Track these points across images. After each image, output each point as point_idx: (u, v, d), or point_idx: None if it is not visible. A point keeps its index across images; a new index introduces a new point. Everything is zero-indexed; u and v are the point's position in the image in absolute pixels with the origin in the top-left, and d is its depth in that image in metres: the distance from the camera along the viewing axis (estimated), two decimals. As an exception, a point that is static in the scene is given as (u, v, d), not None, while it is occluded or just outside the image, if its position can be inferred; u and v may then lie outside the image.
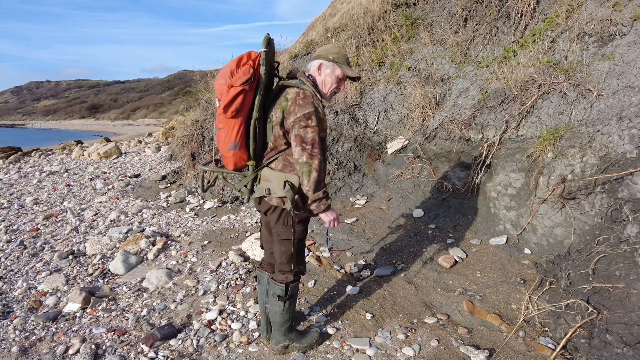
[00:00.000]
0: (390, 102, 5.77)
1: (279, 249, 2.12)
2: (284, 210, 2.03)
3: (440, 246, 3.41)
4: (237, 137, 1.89)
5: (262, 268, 2.40)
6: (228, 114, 1.84)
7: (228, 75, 1.85)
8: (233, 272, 3.45)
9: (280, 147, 1.97)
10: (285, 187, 1.94)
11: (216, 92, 1.92)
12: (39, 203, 6.63)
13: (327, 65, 2.09)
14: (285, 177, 1.96)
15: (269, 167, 2.00)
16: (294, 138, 1.88)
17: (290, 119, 1.88)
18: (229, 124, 1.88)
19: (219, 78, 1.88)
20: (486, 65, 5.13)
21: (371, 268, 3.22)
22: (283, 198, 2.00)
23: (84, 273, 3.79)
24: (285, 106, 1.90)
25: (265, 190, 2.00)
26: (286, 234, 2.06)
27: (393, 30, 6.53)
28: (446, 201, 4.03)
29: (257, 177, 2.04)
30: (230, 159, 1.95)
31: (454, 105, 4.97)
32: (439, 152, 4.64)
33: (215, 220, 4.95)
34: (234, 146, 1.89)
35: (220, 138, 1.92)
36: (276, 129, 1.92)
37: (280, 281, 2.16)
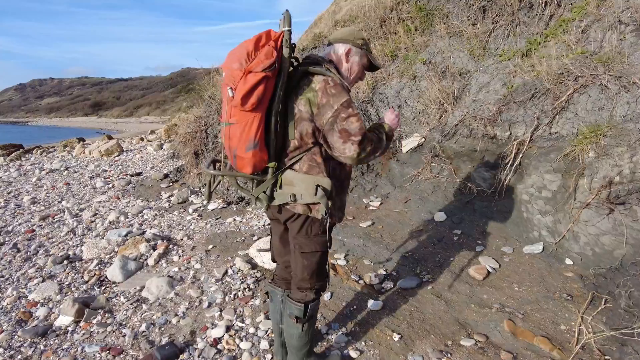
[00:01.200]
0: (405, 97, 5.45)
1: (300, 263, 1.81)
2: (308, 218, 1.73)
3: (469, 254, 3.11)
4: (257, 134, 1.56)
5: (274, 283, 2.09)
6: (247, 106, 1.50)
7: (244, 58, 1.50)
8: (240, 282, 3.16)
9: (306, 146, 1.66)
10: (318, 193, 1.65)
11: (226, 79, 1.56)
12: (36, 202, 6.36)
13: (355, 52, 1.82)
14: (315, 181, 1.66)
15: (292, 169, 1.69)
16: (338, 134, 1.57)
17: (327, 114, 1.57)
18: (247, 118, 1.54)
19: (230, 62, 1.54)
20: (507, 59, 4.81)
21: (393, 279, 2.92)
22: (310, 205, 1.70)
23: (79, 280, 3.50)
24: (313, 98, 1.59)
25: (290, 196, 1.69)
26: (310, 245, 1.77)
27: (406, 22, 6.21)
28: (471, 204, 3.72)
29: (278, 182, 1.72)
30: (248, 160, 1.61)
31: (475, 100, 4.65)
32: (459, 150, 4.33)
33: (220, 223, 4.66)
34: (253, 145, 1.56)
35: (234, 135, 1.58)
36: (304, 125, 1.61)
37: (298, 300, 1.87)
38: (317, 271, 1.82)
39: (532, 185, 3.24)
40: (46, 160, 11.16)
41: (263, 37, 1.55)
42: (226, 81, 1.56)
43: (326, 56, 1.82)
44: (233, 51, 1.59)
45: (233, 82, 1.52)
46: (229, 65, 1.54)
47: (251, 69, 1.48)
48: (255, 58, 1.50)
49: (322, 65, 1.69)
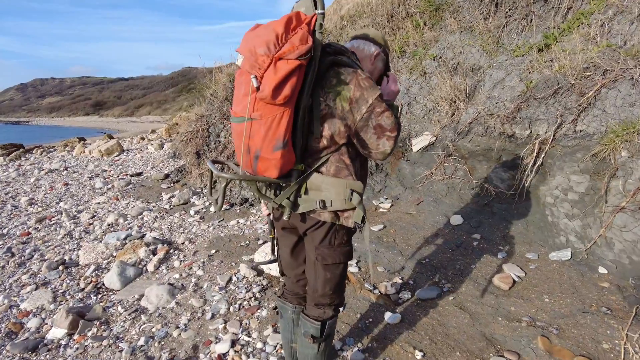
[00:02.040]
0: (414, 94, 5.25)
1: (322, 276, 1.61)
2: (333, 226, 1.54)
3: (491, 261, 2.90)
4: (286, 132, 1.33)
5: (284, 298, 1.88)
6: (280, 98, 1.26)
7: (273, 42, 1.26)
8: (245, 290, 2.95)
9: (335, 146, 1.46)
10: (354, 198, 1.47)
11: (247, 66, 1.29)
12: (34, 204, 6.18)
13: (382, 58, 1.69)
14: (346, 185, 1.47)
15: (318, 172, 1.48)
16: (373, 130, 1.43)
17: (362, 109, 1.40)
18: (275, 113, 1.30)
19: (253, 45, 1.28)
20: (522, 54, 4.60)
21: (411, 288, 2.71)
22: (339, 212, 1.51)
23: (74, 288, 3.31)
24: (344, 91, 1.39)
25: (318, 202, 1.48)
26: (333, 256, 1.57)
27: (415, 16, 6.00)
28: (489, 206, 3.52)
29: (302, 186, 1.50)
30: (275, 162, 1.37)
31: (489, 97, 4.44)
32: (474, 149, 4.12)
33: (223, 225, 4.46)
34: (282, 144, 1.34)
35: (257, 132, 1.34)
36: (334, 122, 1.41)
37: (315, 317, 1.67)
38: (338, 285, 1.64)
39: (556, 186, 3.03)
40: (46, 160, 10.99)
41: (293, 19, 1.31)
42: (247, 68, 1.29)
43: (350, 48, 1.64)
44: (255, 32, 1.35)
45: (258, 69, 1.27)
46: (251, 49, 1.28)
47: (283, 55, 1.25)
48: (287, 43, 1.27)
49: (347, 55, 1.49)
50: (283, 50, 1.25)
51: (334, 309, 1.69)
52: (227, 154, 5.63)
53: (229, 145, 5.68)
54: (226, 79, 5.98)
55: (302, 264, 1.76)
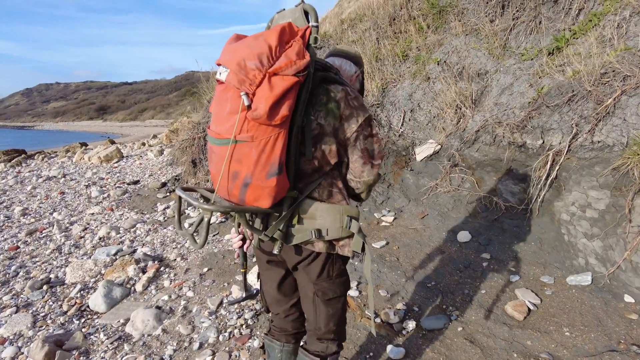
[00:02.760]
0: (418, 100, 5.03)
1: (323, 312, 1.47)
2: (330, 257, 1.40)
3: (502, 285, 2.67)
4: (282, 156, 1.18)
5: (272, 336, 1.70)
6: (277, 119, 1.12)
7: (266, 55, 1.11)
8: (237, 315, 2.74)
9: (327, 167, 1.34)
10: (352, 225, 1.35)
11: (235, 81, 1.13)
12: (27, 214, 6.01)
13: (359, 80, 1.61)
14: (342, 211, 1.35)
15: (310, 198, 1.34)
16: (360, 153, 1.34)
17: (352, 127, 1.30)
18: (270, 134, 1.14)
19: (241, 57, 1.13)
20: (531, 58, 4.38)
21: (415, 316, 2.49)
22: (334, 240, 1.37)
23: (57, 311, 3.10)
24: (335, 109, 1.27)
25: (314, 232, 1.32)
26: (333, 290, 1.45)
27: (417, 19, 5.79)
28: (498, 222, 3.29)
29: (294, 215, 1.34)
30: (269, 190, 1.20)
31: (497, 104, 4.22)
32: (482, 159, 3.90)
33: (217, 240, 4.25)
34: (278, 170, 1.18)
35: (246, 157, 1.17)
36: (326, 140, 1.29)
37: (317, 353, 1.52)
38: (341, 319, 1.53)
39: (573, 202, 2.80)
40: (45, 167, 10.86)
41: (287, 31, 1.17)
42: (235, 83, 1.13)
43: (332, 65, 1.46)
44: (243, 43, 1.18)
45: (249, 85, 1.12)
46: (240, 63, 1.12)
47: (278, 70, 1.12)
48: (282, 56, 1.13)
49: (333, 72, 1.36)
50: (278, 64, 1.12)
51: (337, 344, 1.56)
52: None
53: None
54: (223, 85, 5.79)
55: (291, 299, 1.61)
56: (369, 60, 5.54)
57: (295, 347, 1.67)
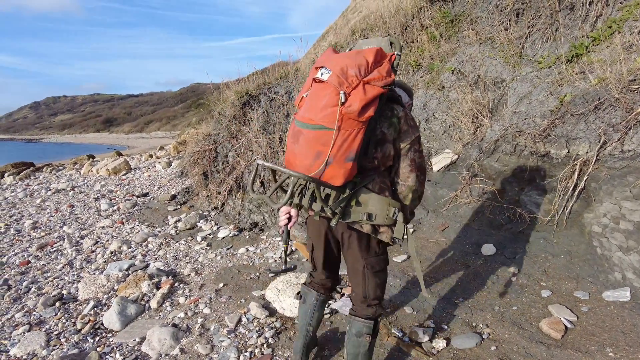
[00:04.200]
0: (432, 109, 4.96)
1: (372, 282, 1.78)
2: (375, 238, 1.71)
3: (534, 301, 2.55)
4: (359, 147, 1.50)
5: (311, 286, 2.10)
6: (365, 116, 1.44)
7: (364, 67, 1.47)
8: (257, 334, 2.64)
9: (382, 167, 1.65)
10: (396, 215, 1.63)
11: (334, 80, 1.45)
12: (37, 227, 5.97)
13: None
14: (390, 203, 1.62)
15: (366, 188, 1.63)
16: (409, 162, 1.65)
17: (407, 140, 1.63)
18: (354, 128, 1.46)
19: (344, 65, 1.46)
20: (548, 66, 4.31)
21: (445, 335, 2.37)
22: (377, 226, 1.65)
23: (70, 329, 3.02)
24: (397, 123, 1.61)
25: (365, 215, 1.61)
26: (380, 264, 1.78)
27: (430, 29, 5.75)
28: (524, 235, 3.18)
29: (353, 199, 1.63)
30: (344, 171, 1.51)
31: (516, 113, 4.14)
32: (502, 170, 3.81)
33: (232, 254, 4.17)
34: (354, 157, 1.50)
35: (333, 142, 1.46)
36: (387, 146, 1.61)
37: (369, 317, 1.83)
38: (384, 286, 1.85)
39: (605, 214, 2.69)
40: (54, 180, 10.87)
41: (380, 52, 1.53)
42: (335, 83, 1.46)
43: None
44: (347, 55, 1.52)
45: (347, 87, 1.45)
46: (343, 68, 1.46)
47: (371, 80, 1.47)
48: (374, 71, 1.48)
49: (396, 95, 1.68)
50: (372, 76, 1.47)
51: (381, 306, 1.88)
52: (235, 175, 5.37)
53: (237, 165, 5.42)
54: (234, 97, 5.75)
55: (333, 266, 2.01)
56: (381, 70, 5.49)
57: (327, 298, 2.10)
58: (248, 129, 5.42)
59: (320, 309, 2.08)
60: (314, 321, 2.08)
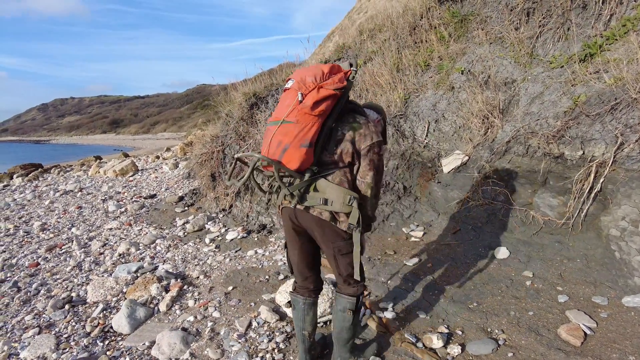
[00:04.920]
0: (442, 110, 4.90)
1: (343, 262, 2.00)
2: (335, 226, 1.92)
3: (551, 306, 2.49)
4: (313, 136, 1.80)
5: (297, 293, 2.21)
6: (316, 111, 1.78)
7: (319, 75, 1.83)
8: (268, 338, 2.61)
9: (341, 164, 1.91)
10: (351, 202, 1.86)
11: (297, 86, 1.82)
12: (46, 229, 5.99)
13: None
14: (347, 192, 1.88)
15: (325, 179, 1.89)
16: (368, 162, 1.90)
17: (366, 142, 1.90)
18: (309, 120, 1.78)
19: (304, 75, 1.84)
20: (560, 65, 4.24)
21: (460, 340, 2.33)
22: (335, 214, 1.90)
23: (80, 332, 3.01)
24: (357, 128, 1.91)
25: (321, 199, 1.87)
26: (346, 247, 1.96)
27: (439, 29, 5.69)
28: (538, 237, 3.12)
29: (311, 186, 1.90)
30: (299, 156, 1.78)
31: (528, 113, 4.08)
32: (514, 171, 3.75)
33: (240, 256, 4.14)
34: (309, 144, 1.79)
35: (290, 132, 1.78)
36: (346, 144, 1.89)
37: (351, 294, 2.06)
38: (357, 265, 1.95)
39: (623, 217, 2.63)
40: (62, 181, 10.93)
41: (336, 67, 1.90)
42: (296, 88, 1.81)
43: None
44: (307, 68, 1.89)
45: (305, 89, 1.79)
46: (302, 77, 1.82)
47: (324, 85, 1.80)
48: (329, 79, 1.83)
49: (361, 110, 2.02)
50: (325, 82, 1.82)
51: (362, 285, 2.08)
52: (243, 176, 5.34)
53: (245, 167, 5.40)
54: (242, 98, 5.73)
55: (309, 263, 2.15)
56: (389, 70, 5.45)
57: (315, 300, 2.19)
58: (256, 130, 5.40)
59: (309, 312, 2.17)
60: (307, 325, 2.17)
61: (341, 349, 2.16)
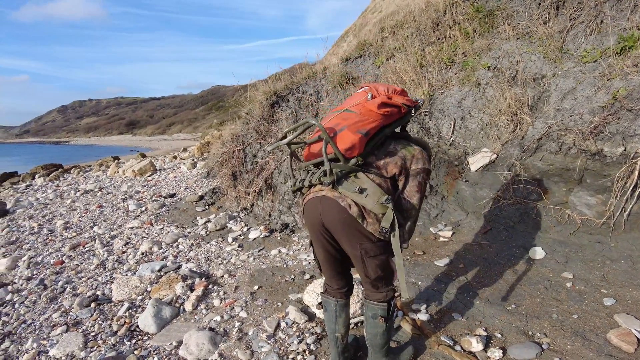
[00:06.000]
0: (468, 107, 4.78)
1: (371, 264, 1.87)
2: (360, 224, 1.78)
3: (597, 310, 2.37)
4: (371, 129, 1.82)
5: (328, 294, 2.13)
6: (381, 110, 1.85)
7: (391, 89, 1.98)
8: (298, 340, 2.55)
9: (385, 173, 1.87)
10: (387, 201, 1.77)
11: (369, 89, 1.98)
12: (68, 228, 6.05)
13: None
14: (383, 193, 1.79)
15: (366, 174, 1.83)
16: (417, 184, 1.89)
17: (418, 165, 1.91)
18: (372, 116, 1.84)
19: (379, 85, 2.00)
20: (593, 60, 4.08)
21: (500, 344, 2.22)
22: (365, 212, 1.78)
23: (107, 330, 2.99)
24: (411, 150, 1.93)
25: (358, 187, 1.78)
26: (374, 250, 1.83)
27: (463, 24, 5.57)
28: (576, 237, 2.99)
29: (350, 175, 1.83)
30: (351, 139, 1.77)
31: (559, 109, 3.94)
32: (546, 169, 3.62)
33: (264, 255, 4.09)
34: (365, 133, 1.80)
35: (351, 118, 1.84)
36: (395, 158, 1.89)
37: (380, 300, 1.94)
38: (387, 269, 1.90)
39: (671, 216, 2.49)
40: (82, 181, 11.08)
41: (406, 93, 2.03)
42: (367, 90, 1.98)
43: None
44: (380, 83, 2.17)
45: (376, 93, 1.95)
46: (375, 86, 2.00)
47: (392, 97, 1.94)
48: (398, 96, 1.97)
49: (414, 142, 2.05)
50: (394, 96, 1.96)
51: (392, 289, 1.97)
52: (264, 175, 5.30)
53: (266, 166, 5.36)
54: (262, 96, 5.69)
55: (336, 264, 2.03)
56: (413, 67, 5.35)
57: (347, 301, 2.11)
58: (277, 129, 5.35)
59: (342, 314, 2.09)
60: (340, 327, 2.10)
61: (376, 355, 2.07)
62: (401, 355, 2.19)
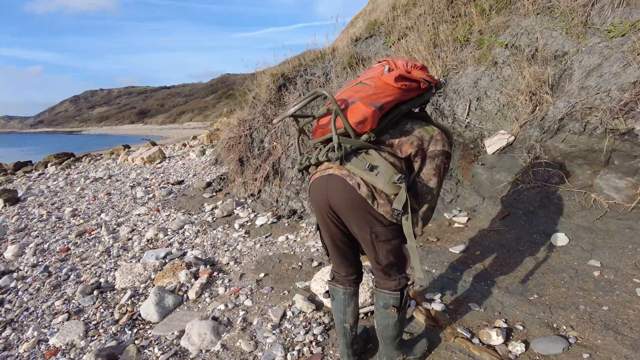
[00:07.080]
0: (484, 87, 4.54)
1: (383, 249, 1.72)
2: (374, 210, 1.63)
3: (629, 301, 2.18)
4: (385, 103, 1.65)
5: (335, 281, 2.00)
6: (398, 83, 1.68)
7: (411, 64, 1.80)
8: (304, 330, 2.41)
9: (400, 153, 1.70)
10: (400, 181, 1.59)
11: (387, 63, 1.80)
12: (76, 215, 6.01)
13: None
14: (396, 172, 1.62)
15: (378, 152, 1.66)
16: (435, 166, 1.72)
17: (437, 146, 1.74)
18: (388, 90, 1.68)
19: (398, 59, 1.82)
20: (621, 34, 3.81)
21: (522, 337, 2.06)
22: (375, 192, 1.62)
23: (108, 319, 2.91)
24: (430, 131, 1.76)
25: (368, 164, 1.61)
26: (386, 234, 1.68)
27: (478, 1, 5.28)
28: (602, 223, 2.79)
29: (361, 151, 1.67)
30: (364, 112, 1.61)
31: (584, 87, 3.69)
32: (569, 151, 3.40)
33: (271, 242, 3.96)
34: (379, 106, 1.63)
35: (365, 90, 1.68)
36: (411, 137, 1.72)
37: (392, 289, 1.79)
38: (399, 254, 1.76)
39: None
40: (92, 169, 11.09)
41: (426, 68, 1.82)
42: (385, 63, 1.80)
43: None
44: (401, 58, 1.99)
45: (394, 66, 1.76)
46: (394, 60, 1.81)
47: (411, 71, 1.74)
48: (418, 71, 1.77)
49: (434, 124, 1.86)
50: (412, 70, 1.76)
51: (405, 277, 1.81)
52: (271, 160, 5.15)
53: (274, 151, 5.21)
54: (269, 79, 5.51)
55: (344, 249, 1.88)
56: (426, 46, 5.10)
57: (356, 289, 1.97)
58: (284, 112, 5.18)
59: (350, 303, 1.96)
60: (348, 317, 1.97)
61: (387, 347, 1.93)
62: (414, 348, 2.04)
